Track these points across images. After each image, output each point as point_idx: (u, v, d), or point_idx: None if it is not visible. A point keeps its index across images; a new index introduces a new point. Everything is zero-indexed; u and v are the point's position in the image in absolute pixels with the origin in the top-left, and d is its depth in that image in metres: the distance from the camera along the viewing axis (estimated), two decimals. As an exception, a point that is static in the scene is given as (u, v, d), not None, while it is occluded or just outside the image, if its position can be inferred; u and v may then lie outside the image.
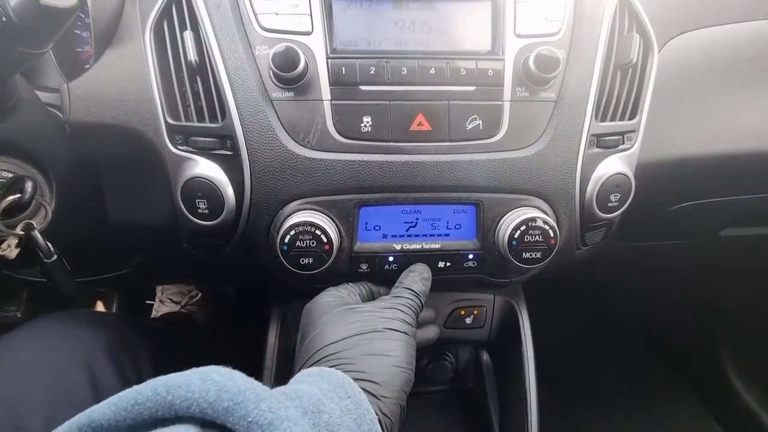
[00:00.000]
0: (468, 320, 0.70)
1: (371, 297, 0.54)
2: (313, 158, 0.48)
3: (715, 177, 0.64)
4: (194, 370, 0.29)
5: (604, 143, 0.54)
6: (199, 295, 1.10)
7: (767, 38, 0.60)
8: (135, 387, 0.27)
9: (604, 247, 0.65)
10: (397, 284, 0.52)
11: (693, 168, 0.61)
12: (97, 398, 0.48)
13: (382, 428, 0.37)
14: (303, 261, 0.49)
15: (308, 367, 0.41)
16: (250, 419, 0.26)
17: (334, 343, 0.43)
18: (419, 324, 0.53)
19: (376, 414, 0.37)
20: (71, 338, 0.53)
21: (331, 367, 0.40)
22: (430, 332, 0.57)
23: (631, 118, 0.55)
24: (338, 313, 0.46)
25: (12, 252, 0.48)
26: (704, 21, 0.61)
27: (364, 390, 0.38)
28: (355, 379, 0.38)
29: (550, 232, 0.50)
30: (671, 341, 1.29)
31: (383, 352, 0.42)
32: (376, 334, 0.43)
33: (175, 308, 1.06)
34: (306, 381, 0.36)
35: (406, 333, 0.45)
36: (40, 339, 0.52)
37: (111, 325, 0.60)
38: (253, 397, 0.27)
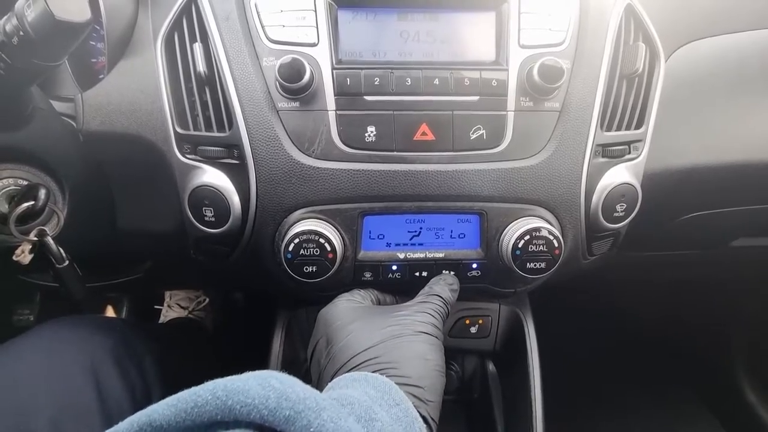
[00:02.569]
0: (473, 330, 0.69)
1: (379, 304, 0.54)
2: (318, 167, 0.49)
3: (724, 187, 0.63)
4: (252, 374, 0.29)
5: (610, 153, 0.53)
6: (207, 300, 1.11)
7: (777, 47, 0.59)
8: (193, 389, 0.27)
9: (612, 256, 0.64)
10: (426, 290, 0.51)
11: (702, 178, 0.60)
12: (102, 403, 0.49)
13: None
14: (307, 269, 0.49)
15: (347, 372, 0.40)
16: (312, 429, 0.26)
17: (372, 347, 0.42)
18: None
19: (423, 418, 0.36)
20: (77, 343, 0.54)
21: (373, 371, 0.39)
22: None
23: (638, 127, 0.55)
24: (369, 316, 0.46)
25: (26, 257, 0.49)
26: (711, 30, 0.60)
27: (410, 394, 0.37)
28: (400, 384, 0.38)
29: (555, 242, 0.50)
30: (684, 352, 1.26)
31: (422, 355, 0.42)
32: (413, 337, 0.43)
33: (183, 313, 1.07)
34: (352, 386, 0.36)
35: (437, 337, 0.45)
36: (47, 343, 0.53)
37: (116, 330, 0.60)
38: (313, 406, 0.27)
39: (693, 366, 1.23)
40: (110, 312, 1.08)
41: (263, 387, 0.27)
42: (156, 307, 1.13)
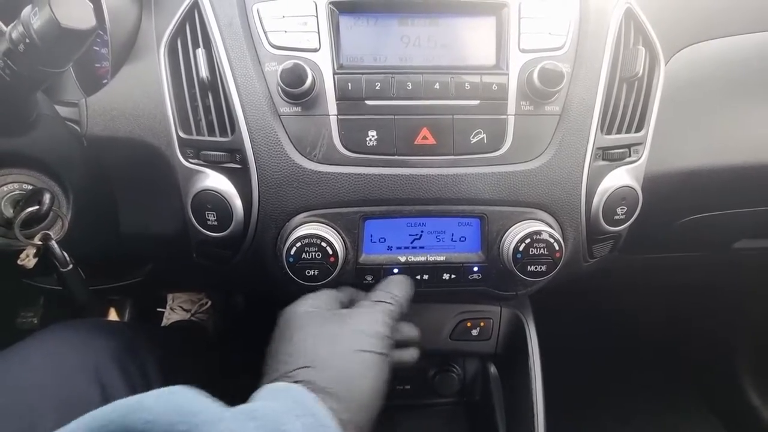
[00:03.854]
0: (474, 332, 0.69)
1: (351, 304, 0.51)
2: (320, 171, 0.49)
3: (725, 189, 0.63)
4: (155, 391, 0.29)
5: (610, 156, 0.54)
6: (209, 303, 1.11)
7: (776, 50, 0.59)
8: (98, 410, 0.28)
9: (613, 259, 0.65)
10: (375, 288, 0.50)
11: (703, 180, 0.60)
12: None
13: None
14: (309, 273, 0.49)
15: (275, 382, 0.39)
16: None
17: (305, 361, 0.40)
18: (400, 343, 0.49)
19: None
20: (81, 347, 0.54)
21: (298, 382, 0.38)
22: (408, 354, 0.50)
23: (638, 130, 0.55)
24: (319, 325, 0.44)
25: (30, 261, 0.50)
26: (711, 33, 0.61)
27: (331, 409, 0.36)
28: (325, 396, 0.37)
29: (555, 245, 0.50)
30: (686, 354, 1.26)
31: (354, 373, 0.41)
32: (350, 355, 0.41)
33: (186, 316, 1.08)
34: (269, 397, 0.36)
35: (378, 353, 0.43)
36: (51, 348, 0.54)
37: (119, 333, 0.61)
38: (211, 419, 0.27)
39: (695, 368, 1.23)
40: (113, 315, 1.08)
41: (160, 402, 0.27)
42: (159, 309, 1.13)
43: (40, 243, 0.50)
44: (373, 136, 0.49)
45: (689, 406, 1.17)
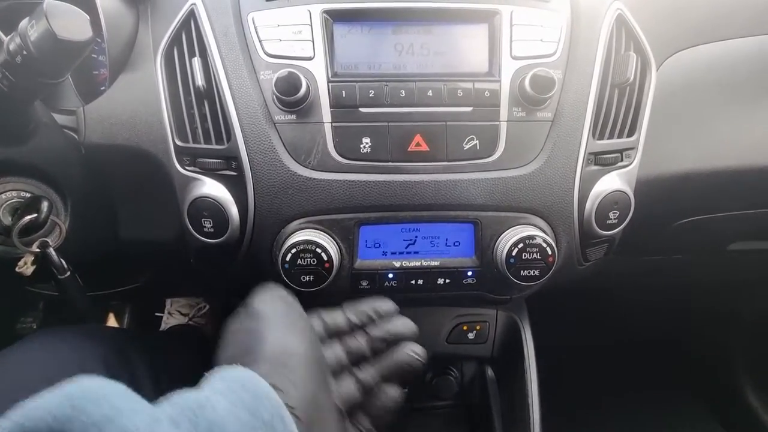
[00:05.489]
0: (470, 335, 0.70)
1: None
2: (314, 178, 0.50)
3: (719, 192, 0.64)
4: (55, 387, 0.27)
5: (602, 161, 0.54)
6: (207, 307, 1.12)
7: (766, 53, 0.60)
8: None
9: (608, 262, 0.65)
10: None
11: (696, 183, 0.61)
12: None
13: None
14: (304, 278, 0.50)
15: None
16: (84, 419, 0.24)
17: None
18: (391, 340, 0.43)
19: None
20: (69, 351, 0.54)
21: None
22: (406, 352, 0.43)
23: (630, 135, 0.56)
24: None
25: (28, 269, 0.51)
26: (703, 37, 0.61)
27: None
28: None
29: (548, 249, 0.50)
30: (683, 356, 1.26)
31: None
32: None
33: (184, 320, 1.08)
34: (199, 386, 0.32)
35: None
36: (37, 354, 0.53)
37: (110, 338, 0.60)
38: (93, 397, 0.25)
39: (692, 370, 1.23)
40: (112, 320, 1.09)
41: (57, 396, 0.25)
42: (157, 314, 1.13)
43: (38, 250, 0.51)
44: (367, 143, 0.50)
45: (688, 408, 1.17)
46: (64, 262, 0.52)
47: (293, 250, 0.49)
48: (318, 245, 0.49)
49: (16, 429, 0.24)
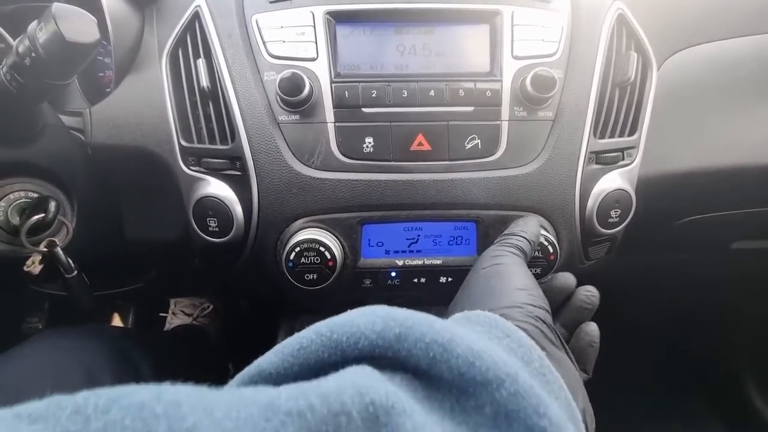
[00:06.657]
0: (473, 334, 0.70)
1: None
2: (318, 178, 0.50)
3: (720, 191, 0.64)
4: (353, 310, 0.26)
5: (603, 160, 0.54)
6: (211, 307, 1.12)
7: (766, 52, 0.60)
8: (297, 334, 0.25)
9: (611, 261, 0.65)
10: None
11: (697, 182, 0.61)
12: None
13: None
14: (308, 277, 0.50)
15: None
16: (427, 340, 0.23)
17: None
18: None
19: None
20: (73, 351, 0.54)
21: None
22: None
23: (631, 134, 0.56)
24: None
25: (36, 268, 0.51)
26: (704, 37, 0.61)
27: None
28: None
29: (550, 248, 0.51)
30: (687, 356, 1.26)
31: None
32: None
33: (188, 320, 1.09)
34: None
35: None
36: (44, 353, 0.53)
37: (113, 338, 0.61)
38: (423, 320, 0.24)
39: (697, 370, 1.23)
40: (117, 320, 1.10)
41: (367, 315, 0.25)
42: (161, 314, 1.14)
43: (45, 250, 0.51)
44: (369, 143, 0.50)
45: (691, 408, 1.17)
46: (71, 261, 0.53)
47: (297, 249, 0.49)
48: (321, 244, 0.49)
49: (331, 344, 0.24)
